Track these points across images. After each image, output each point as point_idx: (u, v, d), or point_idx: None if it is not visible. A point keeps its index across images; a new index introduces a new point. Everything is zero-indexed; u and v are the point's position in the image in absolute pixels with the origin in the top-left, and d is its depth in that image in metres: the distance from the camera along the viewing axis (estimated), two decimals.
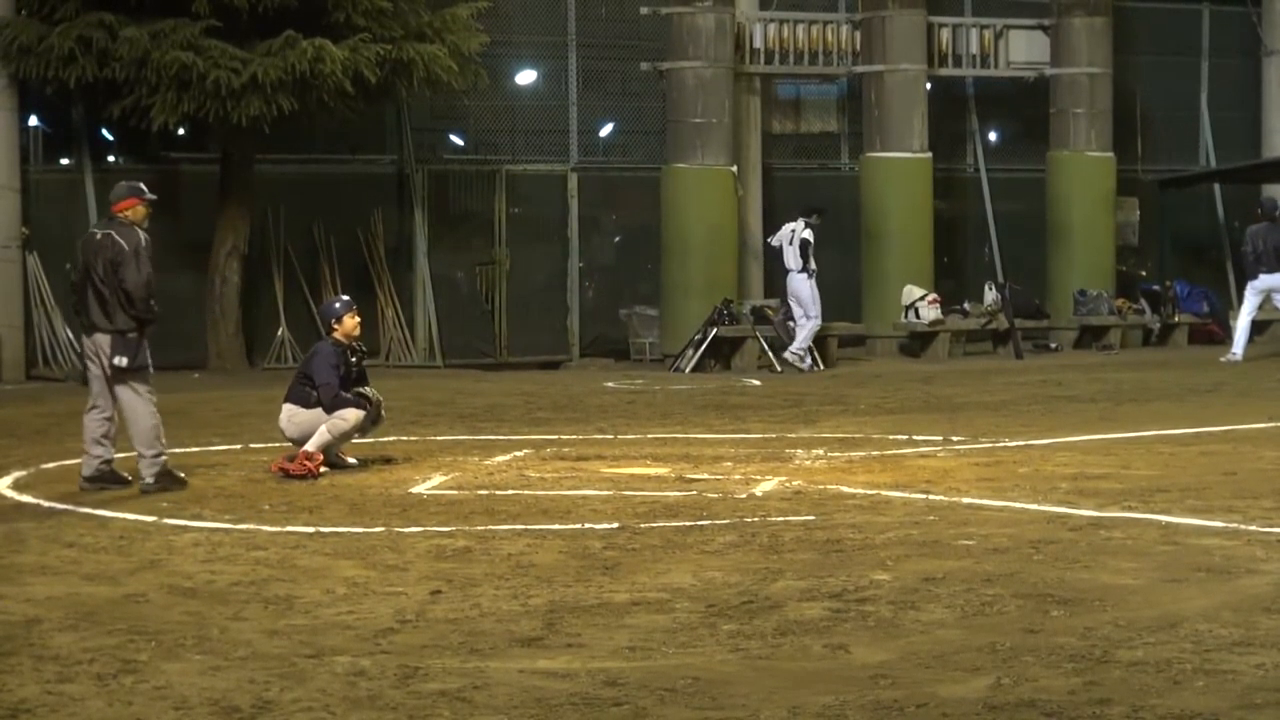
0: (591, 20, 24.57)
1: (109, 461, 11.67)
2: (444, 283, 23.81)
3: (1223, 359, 21.82)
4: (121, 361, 11.46)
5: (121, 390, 11.53)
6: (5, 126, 21.16)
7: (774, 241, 21.93)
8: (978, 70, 25.54)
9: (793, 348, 21.47)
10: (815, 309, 21.45)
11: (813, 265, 21.48)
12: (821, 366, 21.71)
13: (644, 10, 23.42)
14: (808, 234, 21.43)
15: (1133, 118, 26.78)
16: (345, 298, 13.27)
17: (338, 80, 19.89)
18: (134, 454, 11.58)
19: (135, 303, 11.44)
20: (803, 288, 21.44)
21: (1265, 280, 22.09)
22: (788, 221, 21.91)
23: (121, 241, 11.49)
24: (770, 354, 21.82)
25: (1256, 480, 11.19)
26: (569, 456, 13.02)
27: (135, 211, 11.71)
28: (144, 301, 11.46)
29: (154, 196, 12.08)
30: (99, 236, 11.65)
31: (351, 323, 12.56)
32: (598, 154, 25.25)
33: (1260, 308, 22.72)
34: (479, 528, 9.83)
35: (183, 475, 11.66)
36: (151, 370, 11.71)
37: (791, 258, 21.51)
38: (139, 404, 11.53)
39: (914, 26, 24.25)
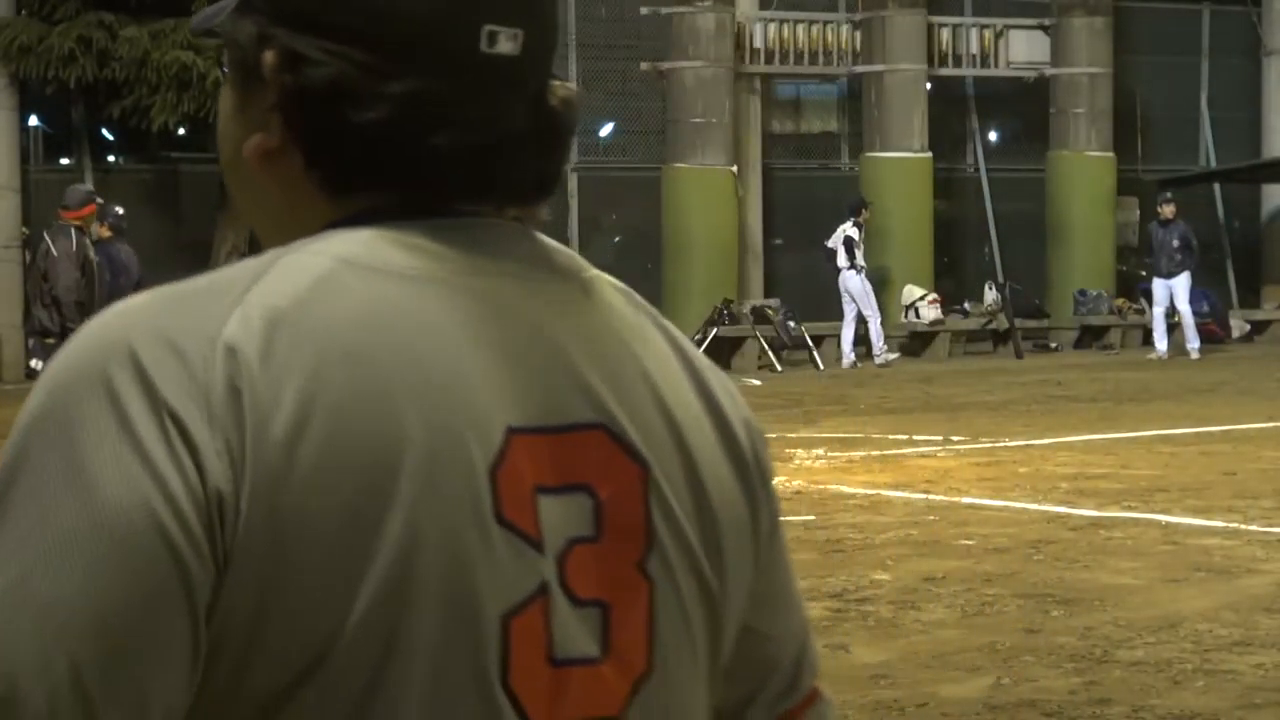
0: (591, 20, 24.54)
1: None
2: None
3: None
4: (38, 365, 11.55)
5: None
6: (5, 126, 21.17)
7: (830, 244, 22.35)
8: (978, 70, 25.53)
9: (876, 355, 22.00)
10: (871, 305, 22.00)
11: (860, 262, 22.05)
12: (895, 358, 22.08)
13: (644, 10, 23.42)
14: (852, 231, 22.04)
15: (1133, 118, 26.75)
16: None
17: None
18: None
19: (61, 308, 11.42)
20: (853, 284, 22.04)
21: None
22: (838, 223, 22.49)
23: (53, 247, 11.42)
24: (770, 354, 21.84)
25: (1256, 480, 11.18)
26: None
27: (93, 216, 11.62)
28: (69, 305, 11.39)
29: (100, 200, 12.06)
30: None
31: None
32: (598, 154, 25.22)
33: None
34: None
35: None
36: None
37: (840, 256, 22.09)
38: None
39: (914, 26, 24.24)
